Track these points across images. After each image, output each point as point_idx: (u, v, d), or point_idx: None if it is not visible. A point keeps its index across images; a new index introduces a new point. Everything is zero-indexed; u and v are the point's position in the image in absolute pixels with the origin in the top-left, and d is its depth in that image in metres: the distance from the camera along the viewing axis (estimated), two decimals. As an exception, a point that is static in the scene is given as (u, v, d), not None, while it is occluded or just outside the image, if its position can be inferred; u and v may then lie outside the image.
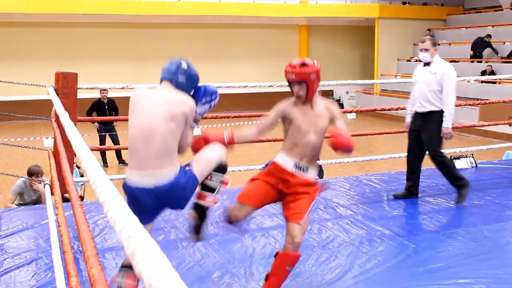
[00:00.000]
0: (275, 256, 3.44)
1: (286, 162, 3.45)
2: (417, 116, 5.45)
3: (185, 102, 3.06)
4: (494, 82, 17.02)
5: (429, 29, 22.47)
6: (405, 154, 7.23)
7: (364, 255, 4.21)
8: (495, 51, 18.59)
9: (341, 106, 22.42)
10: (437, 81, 5.25)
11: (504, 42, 18.81)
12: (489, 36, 18.75)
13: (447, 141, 5.41)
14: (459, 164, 7.10)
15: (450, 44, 21.30)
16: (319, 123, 3.46)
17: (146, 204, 2.98)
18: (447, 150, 7.33)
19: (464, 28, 21.55)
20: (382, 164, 10.32)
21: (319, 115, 3.47)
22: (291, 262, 3.36)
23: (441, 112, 5.29)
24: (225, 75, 20.62)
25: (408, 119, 5.62)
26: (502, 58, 18.39)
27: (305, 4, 21.50)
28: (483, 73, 16.92)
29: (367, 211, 5.30)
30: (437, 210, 5.34)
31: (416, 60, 21.54)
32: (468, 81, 17.46)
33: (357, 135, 7.51)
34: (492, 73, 16.61)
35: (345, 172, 9.56)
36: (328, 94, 23.16)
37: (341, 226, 4.86)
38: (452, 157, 7.18)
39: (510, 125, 12.55)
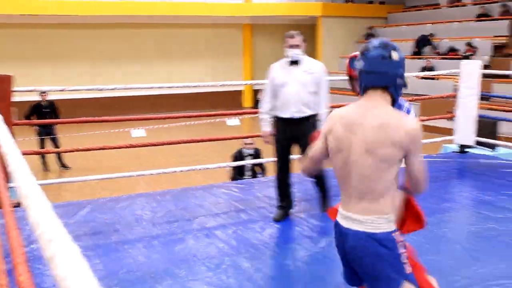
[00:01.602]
0: None
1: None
2: (289, 123, 4.77)
3: None
4: (434, 78, 17.46)
5: (370, 27, 22.88)
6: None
7: (307, 251, 4.25)
8: (435, 48, 19.07)
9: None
10: (314, 81, 4.74)
11: (442, 39, 19.31)
12: (431, 34, 19.22)
13: None
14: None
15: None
16: None
17: None
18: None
19: (405, 26, 22.03)
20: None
21: None
22: None
23: (316, 115, 4.79)
24: (168, 76, 20.47)
25: (268, 128, 4.96)
26: (440, 54, 18.89)
27: (248, 4, 21.55)
28: (423, 69, 17.33)
29: (309, 208, 5.35)
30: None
31: (359, 58, 21.87)
32: (409, 77, 17.84)
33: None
34: (431, 69, 17.03)
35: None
36: (273, 92, 23.28)
37: (283, 224, 4.89)
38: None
39: (448, 120, 12.89)
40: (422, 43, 19.29)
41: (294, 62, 4.74)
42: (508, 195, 5.71)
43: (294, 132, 4.78)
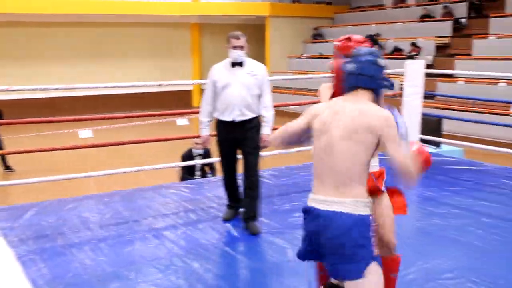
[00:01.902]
0: None
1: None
2: (232, 126, 4.61)
3: None
4: (379, 77, 17.77)
5: (316, 28, 23.11)
6: (299, 148, 7.41)
7: (254, 250, 4.27)
8: (381, 47, 19.41)
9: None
10: (258, 84, 4.62)
11: (388, 39, 19.66)
12: (378, 34, 19.54)
13: None
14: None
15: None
16: None
17: None
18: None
19: (351, 26, 22.32)
20: (275, 159, 10.47)
21: None
22: (392, 268, 3.10)
23: (258, 118, 4.69)
24: (114, 75, 20.15)
25: (207, 132, 4.83)
26: (385, 54, 19.24)
27: (196, 3, 21.43)
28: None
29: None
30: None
31: (308, 57, 22.12)
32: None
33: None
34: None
35: (239, 169, 9.61)
36: (222, 92, 23.24)
37: (232, 224, 4.89)
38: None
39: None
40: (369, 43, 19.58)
41: (237, 64, 4.61)
42: (451, 191, 5.87)
43: (236, 135, 4.63)
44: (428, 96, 8.13)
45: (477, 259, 4.05)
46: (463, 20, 18.48)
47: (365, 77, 2.63)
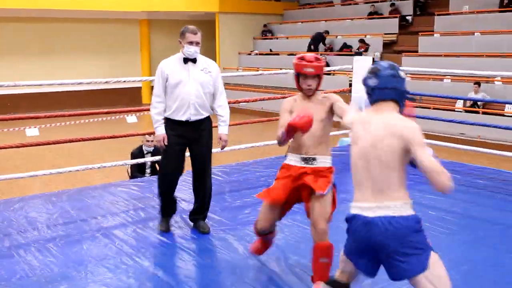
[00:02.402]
0: None
1: (293, 160, 3.59)
2: (185, 126, 4.40)
3: None
4: (329, 74, 17.97)
5: (265, 25, 23.20)
6: (250, 145, 7.44)
7: (205, 247, 4.26)
8: (325, 45, 19.59)
9: (186, 100, 22.44)
10: (212, 81, 4.46)
11: (337, 36, 19.91)
12: (327, 32, 19.73)
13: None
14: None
15: (287, 38, 22.14)
16: (319, 112, 3.53)
17: None
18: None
19: (300, 23, 22.51)
20: (226, 156, 10.47)
21: (318, 105, 3.59)
22: (322, 253, 3.39)
23: (210, 117, 4.55)
24: (62, 72, 19.75)
25: (163, 130, 4.42)
26: (333, 50, 19.46)
27: (145, -2, 21.22)
28: (318, 65, 17.79)
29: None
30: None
31: (259, 54, 22.17)
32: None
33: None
34: (327, 65, 17.52)
35: (189, 166, 9.56)
36: (172, 88, 23.08)
37: (184, 221, 4.87)
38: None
39: (343, 114, 13.26)
40: (318, 40, 19.77)
41: (190, 60, 4.39)
42: (399, 185, 5.98)
43: (190, 135, 4.43)
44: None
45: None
46: (409, 18, 18.88)
47: (389, 90, 2.76)
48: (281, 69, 17.10)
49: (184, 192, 5.77)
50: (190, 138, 4.44)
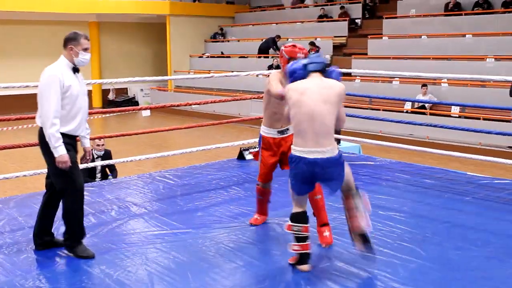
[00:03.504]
0: None
1: (272, 133, 4.66)
2: (75, 140, 4.16)
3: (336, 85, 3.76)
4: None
5: (221, 28, 23.18)
6: (202, 148, 7.42)
7: (158, 251, 4.23)
8: (278, 49, 19.68)
9: (136, 103, 22.23)
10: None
11: (288, 39, 20.04)
12: (278, 36, 19.81)
13: (240, 132, 5.26)
14: (248, 155, 7.43)
15: (239, 41, 22.17)
16: None
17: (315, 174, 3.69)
18: (237, 142, 7.64)
19: (252, 26, 22.57)
20: (178, 159, 10.44)
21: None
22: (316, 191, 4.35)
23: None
24: (6, 75, 19.24)
25: (65, 150, 3.94)
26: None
27: (94, 1, 20.88)
28: (270, 67, 17.87)
29: (161, 207, 5.34)
30: (228, 201, 5.55)
31: (210, 56, 22.12)
32: (257, 75, 18.34)
33: (153, 132, 7.54)
34: (278, 67, 17.59)
35: (141, 170, 9.49)
36: (122, 92, 22.84)
37: (134, 225, 4.82)
38: (242, 149, 7.50)
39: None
40: (269, 44, 19.83)
41: (77, 69, 4.06)
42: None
43: (75, 151, 4.16)
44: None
45: (376, 250, 4.21)
46: (358, 21, 19.17)
47: (317, 64, 3.85)
48: (232, 71, 17.12)
49: (135, 196, 5.73)
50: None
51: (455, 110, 13.30)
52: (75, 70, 4.06)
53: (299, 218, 3.83)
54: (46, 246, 4.26)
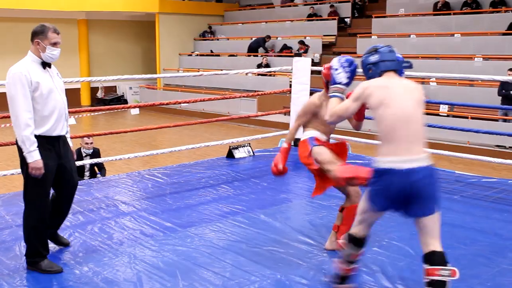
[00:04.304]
0: (341, 210, 4.18)
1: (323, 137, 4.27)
2: (58, 143, 3.86)
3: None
4: (270, 75, 18.10)
5: (210, 26, 23.15)
6: (191, 146, 7.41)
7: (147, 250, 4.22)
8: (266, 50, 19.66)
9: (125, 101, 22.15)
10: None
11: (277, 37, 20.05)
12: (268, 37, 19.80)
13: (229, 130, 5.24)
14: (238, 154, 7.43)
15: (228, 39, 22.14)
16: None
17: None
18: (226, 140, 7.64)
19: (241, 24, 22.55)
20: (167, 158, 10.41)
21: None
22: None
23: None
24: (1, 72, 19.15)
25: (39, 155, 3.68)
26: (274, 52, 19.60)
27: (83, -2, 20.80)
28: (259, 66, 17.87)
29: (149, 205, 5.32)
30: (217, 199, 5.54)
31: (199, 55, 22.08)
32: (246, 74, 18.36)
33: (142, 130, 7.51)
34: (267, 65, 17.63)
35: (129, 168, 9.47)
36: (111, 90, 22.74)
37: (123, 224, 4.80)
38: (231, 147, 7.50)
39: (285, 114, 13.44)
40: (259, 43, 19.82)
41: (47, 64, 3.83)
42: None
43: (61, 152, 3.87)
44: (315, 92, 8.36)
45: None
46: (347, 20, 19.20)
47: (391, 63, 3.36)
48: (221, 70, 17.12)
49: (124, 195, 5.71)
50: (62, 155, 3.87)
51: (443, 109, 13.36)
52: (45, 65, 3.79)
53: (359, 244, 3.36)
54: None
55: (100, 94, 22.33)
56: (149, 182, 6.21)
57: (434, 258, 3.07)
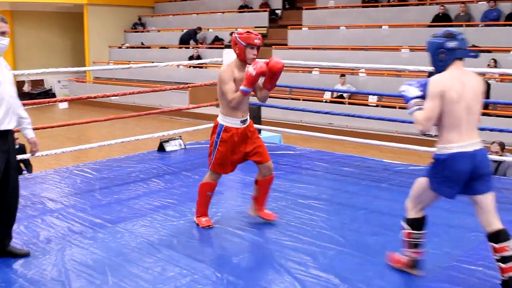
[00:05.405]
0: (256, 183, 4.53)
1: (235, 123, 4.35)
2: (6, 136, 3.74)
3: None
4: (201, 67, 18.00)
5: (139, 18, 22.80)
6: (121, 140, 7.27)
7: (75, 247, 4.11)
8: (196, 42, 19.54)
9: (53, 95, 21.56)
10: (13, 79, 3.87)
11: (208, 29, 19.95)
12: (199, 28, 19.65)
13: (161, 123, 5.07)
14: (169, 147, 7.36)
15: (159, 31, 21.87)
16: None
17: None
18: (157, 134, 7.54)
19: (172, 16, 22.31)
20: (97, 152, 10.20)
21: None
22: (271, 182, 4.56)
23: None
24: None
25: None
26: (206, 44, 19.50)
27: (7, -12, 20.06)
28: (191, 58, 17.74)
29: (78, 202, 5.19)
30: (148, 193, 5.47)
31: (130, 47, 21.72)
32: (178, 66, 18.18)
33: (71, 124, 7.31)
34: (199, 57, 17.51)
35: (58, 164, 9.21)
36: (38, 83, 22.08)
37: (50, 222, 4.67)
38: (162, 140, 7.41)
39: (216, 106, 13.34)
40: (190, 35, 19.68)
41: None
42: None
43: (10, 147, 3.78)
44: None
45: (296, 238, 4.27)
46: (278, 12, 19.31)
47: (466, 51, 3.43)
48: (153, 62, 16.89)
49: (51, 192, 5.56)
50: (10, 150, 3.78)
51: (372, 99, 13.67)
52: None
53: (421, 224, 3.56)
54: None
55: (26, 88, 21.61)
56: (78, 178, 6.06)
57: (500, 236, 3.32)
